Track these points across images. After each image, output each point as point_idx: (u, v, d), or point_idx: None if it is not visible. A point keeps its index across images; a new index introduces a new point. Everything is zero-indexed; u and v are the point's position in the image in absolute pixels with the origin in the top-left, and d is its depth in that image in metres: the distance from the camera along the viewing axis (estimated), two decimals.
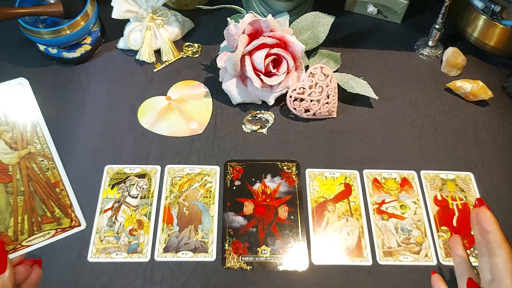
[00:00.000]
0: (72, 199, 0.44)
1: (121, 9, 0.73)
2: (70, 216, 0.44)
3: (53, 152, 0.44)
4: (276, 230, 0.62)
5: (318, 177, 0.67)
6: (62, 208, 0.44)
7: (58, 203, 0.44)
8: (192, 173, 0.67)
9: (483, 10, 0.77)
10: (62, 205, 0.44)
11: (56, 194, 0.43)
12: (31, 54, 0.79)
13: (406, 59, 0.82)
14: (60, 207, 0.44)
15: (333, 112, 0.73)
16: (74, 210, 0.44)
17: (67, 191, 0.44)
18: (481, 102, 0.76)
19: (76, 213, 0.44)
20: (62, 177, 0.44)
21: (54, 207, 0.44)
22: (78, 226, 0.45)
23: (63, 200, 0.44)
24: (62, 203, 0.44)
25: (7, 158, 0.42)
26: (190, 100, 0.75)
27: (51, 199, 0.44)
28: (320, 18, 0.77)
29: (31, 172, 0.43)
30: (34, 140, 0.43)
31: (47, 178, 0.43)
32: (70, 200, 0.44)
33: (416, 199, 0.65)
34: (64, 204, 0.44)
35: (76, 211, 0.44)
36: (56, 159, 0.44)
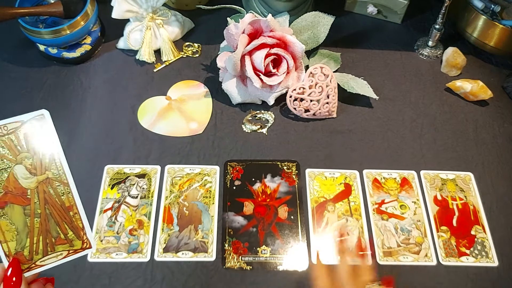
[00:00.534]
0: (84, 222, 0.47)
1: (121, 9, 0.73)
2: (82, 238, 0.46)
3: (69, 178, 0.46)
4: (276, 230, 0.62)
5: (318, 177, 0.67)
6: (75, 231, 0.46)
7: (71, 226, 0.46)
8: (192, 173, 0.67)
9: (483, 10, 0.77)
10: (75, 227, 0.46)
11: (70, 217, 0.46)
12: (31, 54, 0.79)
13: (406, 59, 0.82)
14: (73, 229, 0.46)
15: (333, 112, 0.73)
16: (86, 233, 0.46)
17: (80, 215, 0.46)
18: (481, 102, 0.76)
19: (87, 235, 0.46)
20: (76, 202, 0.46)
21: (68, 229, 0.46)
22: (89, 248, 0.47)
23: (76, 223, 0.46)
24: (75, 226, 0.46)
25: (27, 183, 0.44)
26: (190, 100, 0.75)
27: (65, 221, 0.46)
28: (320, 18, 0.77)
29: (47, 196, 0.45)
30: (52, 167, 0.45)
31: (62, 202, 0.46)
32: (82, 223, 0.46)
33: (416, 199, 0.65)
34: (77, 227, 0.46)
35: (88, 233, 0.46)
36: (71, 184, 0.46)
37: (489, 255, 0.61)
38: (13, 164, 0.45)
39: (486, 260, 0.60)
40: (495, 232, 0.63)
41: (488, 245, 0.62)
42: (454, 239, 0.62)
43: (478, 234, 0.62)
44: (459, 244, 0.62)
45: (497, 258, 0.61)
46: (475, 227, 0.63)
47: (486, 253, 0.61)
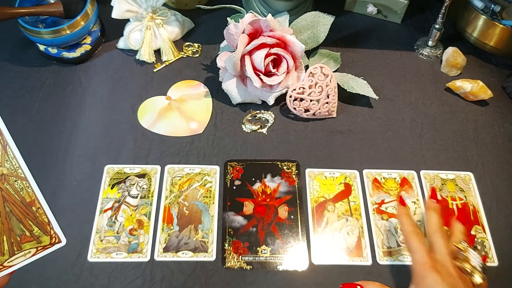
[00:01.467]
0: (49, 216, 0.45)
1: (121, 9, 0.73)
2: (49, 233, 0.44)
3: (25, 171, 0.44)
4: (276, 230, 0.62)
5: (318, 177, 0.67)
6: (40, 226, 0.44)
7: (35, 222, 0.44)
8: (192, 173, 0.67)
9: (483, 10, 0.77)
10: (40, 223, 0.44)
11: (33, 212, 0.44)
12: (31, 54, 0.79)
13: (406, 59, 0.82)
14: (38, 225, 0.44)
15: (333, 112, 0.73)
16: (52, 227, 0.45)
17: (43, 209, 0.44)
18: (481, 102, 0.76)
19: (55, 229, 0.45)
20: (37, 195, 0.44)
21: (32, 225, 0.44)
22: (58, 242, 0.45)
23: (41, 218, 0.44)
24: (39, 221, 0.44)
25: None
26: (190, 100, 0.75)
27: (28, 218, 0.44)
28: (320, 18, 0.77)
29: (5, 193, 0.43)
30: (5, 162, 0.43)
31: (22, 198, 0.44)
32: (47, 217, 0.45)
33: (416, 199, 0.65)
34: (42, 222, 0.44)
35: (55, 227, 0.45)
36: (29, 178, 0.44)
37: (489, 255, 0.61)
38: None
39: (486, 260, 0.60)
40: (495, 232, 0.63)
41: (488, 245, 0.62)
42: None
43: (478, 234, 0.62)
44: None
45: (497, 258, 0.61)
46: (475, 227, 0.63)
47: (486, 253, 0.61)
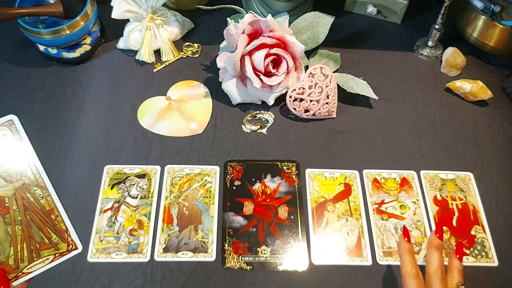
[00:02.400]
0: (67, 224, 0.46)
1: (120, 9, 0.73)
2: (66, 240, 0.46)
3: (45, 181, 0.46)
4: (276, 230, 0.62)
5: (318, 177, 0.67)
6: (58, 234, 0.46)
7: (54, 229, 0.46)
8: (192, 173, 0.67)
9: (482, 10, 0.77)
10: (58, 230, 0.46)
11: (51, 220, 0.46)
12: (31, 54, 0.79)
13: (406, 60, 0.82)
14: (56, 232, 0.46)
15: (332, 113, 0.73)
16: (70, 235, 0.46)
17: (62, 217, 0.46)
18: (480, 102, 0.76)
19: (72, 237, 0.46)
20: (56, 204, 0.46)
21: (51, 233, 0.46)
22: (75, 249, 0.47)
23: (59, 226, 0.46)
24: (58, 229, 0.46)
25: (3, 191, 0.44)
26: (190, 100, 0.75)
27: (47, 225, 0.46)
28: (319, 18, 0.77)
29: (26, 202, 0.45)
30: (27, 172, 0.46)
31: (42, 206, 0.46)
32: (65, 225, 0.46)
33: (416, 199, 0.65)
34: (60, 230, 0.46)
35: (72, 235, 0.46)
36: (49, 187, 0.46)
37: (489, 255, 0.61)
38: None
39: (486, 260, 0.60)
40: (495, 232, 0.63)
41: (488, 245, 0.62)
42: (454, 239, 0.62)
43: (478, 234, 0.63)
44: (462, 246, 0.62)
45: (497, 258, 0.61)
46: (475, 227, 0.63)
47: (486, 253, 0.61)
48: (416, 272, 0.51)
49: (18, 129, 0.47)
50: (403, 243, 0.54)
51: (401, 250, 0.54)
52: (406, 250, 0.53)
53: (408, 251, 0.53)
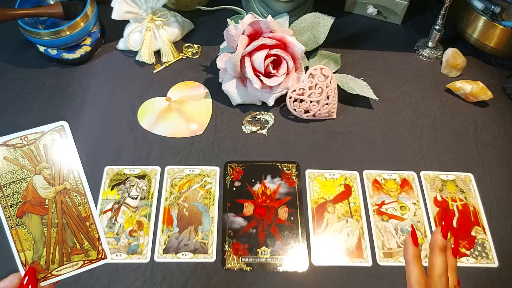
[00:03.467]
0: (100, 232, 0.47)
1: (121, 10, 0.73)
2: (97, 248, 0.47)
3: (86, 188, 0.47)
4: (276, 231, 0.62)
5: (318, 178, 0.67)
6: (90, 241, 0.47)
7: (87, 236, 0.47)
8: (192, 174, 0.67)
9: (483, 11, 0.77)
10: (91, 238, 0.47)
11: (86, 227, 0.47)
12: (31, 55, 0.79)
13: (406, 60, 0.82)
14: (89, 239, 0.47)
15: (333, 113, 0.73)
16: (101, 243, 0.47)
17: (96, 225, 0.47)
18: (481, 103, 0.76)
19: (103, 246, 0.47)
20: (93, 212, 0.47)
21: (84, 239, 0.47)
22: (104, 258, 0.47)
23: (92, 234, 0.47)
24: (91, 236, 0.47)
25: (45, 192, 0.45)
26: (190, 101, 0.75)
27: (81, 231, 0.47)
28: (320, 19, 0.77)
29: (65, 206, 0.46)
30: (69, 177, 0.47)
31: (79, 212, 0.47)
32: (98, 233, 0.47)
33: (416, 200, 0.65)
34: (93, 237, 0.47)
35: (103, 244, 0.47)
36: (88, 195, 0.47)
37: (489, 256, 0.61)
38: (32, 174, 0.46)
39: (486, 261, 0.60)
40: (495, 233, 0.63)
41: (488, 246, 0.62)
42: (454, 240, 0.62)
43: (478, 235, 0.62)
44: (459, 245, 0.61)
45: (497, 259, 0.60)
46: (475, 228, 0.63)
47: (487, 254, 0.61)
48: (425, 282, 0.46)
49: (67, 134, 0.49)
50: (412, 248, 0.47)
51: (408, 256, 0.47)
52: (414, 257, 0.47)
53: (416, 257, 0.47)
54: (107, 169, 0.67)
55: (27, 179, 0.46)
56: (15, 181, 0.45)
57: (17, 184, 0.45)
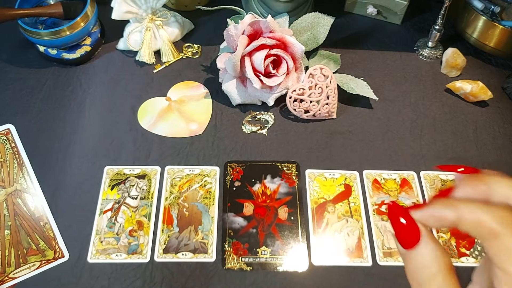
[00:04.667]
0: (55, 231, 0.47)
1: (120, 10, 0.73)
2: (54, 248, 0.47)
3: (36, 188, 0.48)
4: (276, 231, 0.62)
5: (318, 178, 0.67)
6: (46, 241, 0.47)
7: (42, 236, 0.47)
8: (191, 174, 0.67)
9: (482, 11, 0.77)
10: (46, 237, 0.47)
11: (40, 227, 0.47)
12: (30, 55, 0.79)
13: (406, 60, 0.82)
14: (44, 239, 0.47)
15: (333, 113, 0.73)
16: (57, 242, 0.47)
17: (50, 224, 0.47)
18: (481, 103, 0.76)
19: (59, 244, 0.47)
20: (46, 211, 0.47)
21: (39, 239, 0.47)
22: (62, 257, 0.47)
23: (47, 233, 0.47)
24: (46, 236, 0.47)
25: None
26: (190, 101, 0.75)
27: (36, 232, 0.47)
28: (319, 19, 0.77)
29: (17, 207, 0.47)
30: (19, 178, 0.47)
31: (32, 213, 0.47)
32: (53, 232, 0.47)
33: (416, 199, 0.65)
34: (48, 237, 0.47)
35: (60, 243, 0.47)
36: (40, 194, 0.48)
37: None
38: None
39: None
40: None
41: None
42: (454, 240, 0.62)
43: None
44: (459, 245, 0.61)
45: None
46: None
47: None
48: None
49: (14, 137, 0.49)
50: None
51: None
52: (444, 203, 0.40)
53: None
54: (107, 169, 0.67)
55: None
56: None
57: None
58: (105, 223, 0.62)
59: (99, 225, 0.62)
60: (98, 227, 0.61)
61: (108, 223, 0.62)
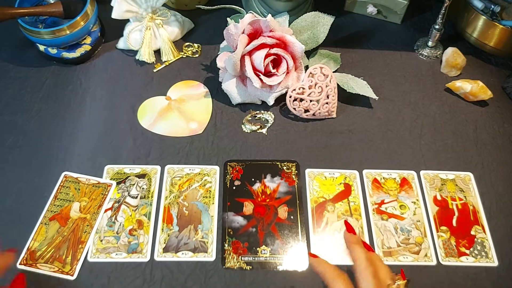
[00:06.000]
0: (83, 255, 0.58)
1: (120, 9, 0.73)
2: (72, 266, 0.58)
3: (96, 223, 0.61)
4: (276, 230, 0.62)
5: (317, 177, 0.67)
6: (72, 258, 0.58)
7: (73, 254, 0.58)
8: (191, 173, 0.67)
9: (483, 10, 0.77)
10: (74, 256, 0.58)
11: (77, 247, 0.59)
12: (30, 54, 0.79)
13: (406, 60, 0.82)
14: (72, 256, 0.58)
15: (332, 112, 0.73)
16: (77, 264, 0.58)
17: (84, 249, 0.59)
18: (480, 103, 0.76)
19: (77, 266, 0.58)
20: (89, 240, 0.60)
21: (70, 255, 0.58)
22: (71, 275, 0.57)
23: (78, 254, 0.58)
24: (75, 255, 0.58)
25: (74, 214, 0.62)
26: (190, 100, 0.75)
27: (72, 249, 0.59)
28: (319, 18, 0.77)
29: (76, 227, 0.60)
30: (95, 214, 0.62)
31: (80, 236, 0.60)
32: (82, 256, 0.58)
33: (416, 199, 0.65)
34: (75, 257, 0.58)
35: (79, 265, 0.58)
36: (94, 228, 0.61)
37: (489, 255, 0.61)
38: (75, 200, 0.63)
39: (486, 260, 0.60)
40: (495, 232, 0.63)
41: (488, 245, 0.62)
42: (454, 239, 0.62)
43: (478, 234, 0.62)
44: (459, 244, 0.62)
45: (497, 258, 0.61)
46: (474, 227, 0.63)
47: (486, 253, 0.61)
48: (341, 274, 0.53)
49: None
50: (318, 260, 0.55)
51: (318, 265, 0.54)
52: (326, 270, 0.53)
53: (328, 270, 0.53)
54: (107, 168, 0.67)
55: (70, 202, 0.63)
56: None
57: None
58: (105, 222, 0.62)
59: (99, 224, 0.62)
60: (98, 226, 0.61)
61: (108, 222, 0.62)
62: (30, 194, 0.64)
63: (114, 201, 0.64)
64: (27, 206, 0.62)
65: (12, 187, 0.64)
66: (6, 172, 0.66)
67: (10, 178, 0.65)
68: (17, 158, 0.67)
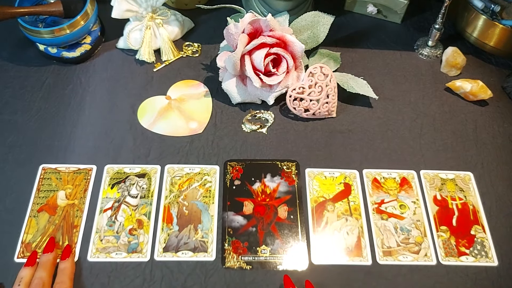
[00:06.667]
0: (79, 238, 0.60)
1: (120, 8, 0.73)
2: (71, 248, 0.59)
3: (86, 207, 0.63)
4: (276, 229, 0.62)
5: (317, 177, 0.67)
6: (70, 242, 0.60)
7: (70, 239, 0.60)
8: (191, 172, 0.67)
9: (483, 10, 0.77)
10: (72, 240, 0.60)
11: (71, 232, 0.61)
12: (30, 53, 0.79)
13: (406, 59, 0.82)
14: (69, 241, 0.60)
15: (332, 112, 0.73)
16: (76, 247, 0.59)
17: (79, 232, 0.61)
18: (480, 102, 0.76)
19: (76, 249, 0.59)
20: (81, 224, 0.61)
21: (66, 240, 0.60)
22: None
23: (73, 238, 0.60)
24: (72, 239, 0.60)
25: (61, 202, 0.63)
26: (189, 100, 0.75)
27: (67, 234, 0.61)
28: (320, 18, 0.77)
29: (67, 214, 0.62)
30: (79, 197, 0.63)
31: (73, 221, 0.61)
32: (78, 238, 0.60)
33: (416, 199, 0.65)
34: (73, 240, 0.60)
35: (77, 248, 0.59)
36: (85, 212, 0.62)
37: (489, 254, 0.61)
38: (60, 189, 0.64)
39: (486, 260, 0.60)
40: (494, 232, 0.63)
41: (487, 245, 0.62)
42: (453, 239, 0.62)
43: (478, 234, 0.63)
44: (459, 244, 0.62)
45: (497, 257, 0.61)
46: (474, 227, 0.63)
47: (486, 252, 0.61)
48: None
49: None
50: None
51: None
52: None
53: None
54: (107, 168, 0.67)
55: (55, 191, 0.64)
56: None
57: None
58: (105, 221, 0.62)
59: (99, 223, 0.62)
60: (98, 226, 0.61)
61: (108, 221, 0.62)
62: (30, 193, 0.64)
63: (114, 201, 0.64)
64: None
65: (12, 187, 0.64)
66: (6, 171, 0.66)
67: (10, 177, 0.65)
68: (17, 157, 0.67)
